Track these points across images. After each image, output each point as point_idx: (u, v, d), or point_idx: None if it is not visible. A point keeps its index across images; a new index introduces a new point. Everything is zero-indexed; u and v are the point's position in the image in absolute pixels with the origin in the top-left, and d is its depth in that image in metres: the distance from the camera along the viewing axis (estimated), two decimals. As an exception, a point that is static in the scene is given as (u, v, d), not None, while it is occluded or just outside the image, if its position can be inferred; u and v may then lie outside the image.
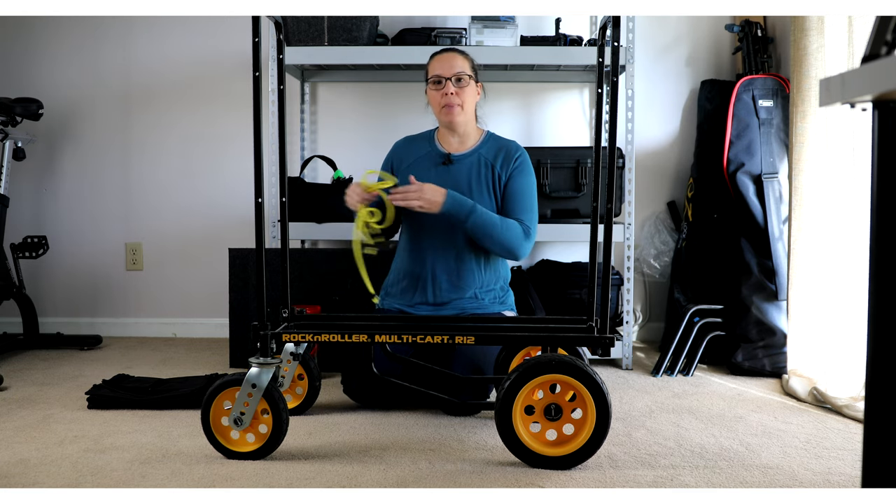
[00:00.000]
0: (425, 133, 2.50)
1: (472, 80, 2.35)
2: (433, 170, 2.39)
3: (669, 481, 1.70)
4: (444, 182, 2.33)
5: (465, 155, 2.40)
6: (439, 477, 1.72)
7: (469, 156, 2.40)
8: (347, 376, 2.27)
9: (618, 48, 1.80)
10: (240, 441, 1.84)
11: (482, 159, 2.38)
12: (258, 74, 1.80)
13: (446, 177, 2.37)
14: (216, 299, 3.38)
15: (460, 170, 2.38)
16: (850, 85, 0.92)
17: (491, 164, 2.37)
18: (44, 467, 1.77)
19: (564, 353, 1.87)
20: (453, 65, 2.32)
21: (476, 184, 2.36)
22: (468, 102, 2.35)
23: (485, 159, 2.38)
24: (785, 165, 2.84)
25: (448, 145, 2.43)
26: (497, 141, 2.43)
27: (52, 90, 3.42)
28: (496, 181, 2.37)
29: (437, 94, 2.34)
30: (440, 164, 2.39)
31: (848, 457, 1.87)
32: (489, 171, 2.37)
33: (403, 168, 2.43)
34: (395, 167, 2.46)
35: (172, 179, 3.46)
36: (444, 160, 2.39)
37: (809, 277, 2.50)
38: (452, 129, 2.39)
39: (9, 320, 3.39)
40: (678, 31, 3.32)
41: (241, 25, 3.35)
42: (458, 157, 2.39)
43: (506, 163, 2.37)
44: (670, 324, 3.05)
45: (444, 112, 2.34)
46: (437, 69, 2.34)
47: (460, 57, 2.35)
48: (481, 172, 2.37)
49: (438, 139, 2.45)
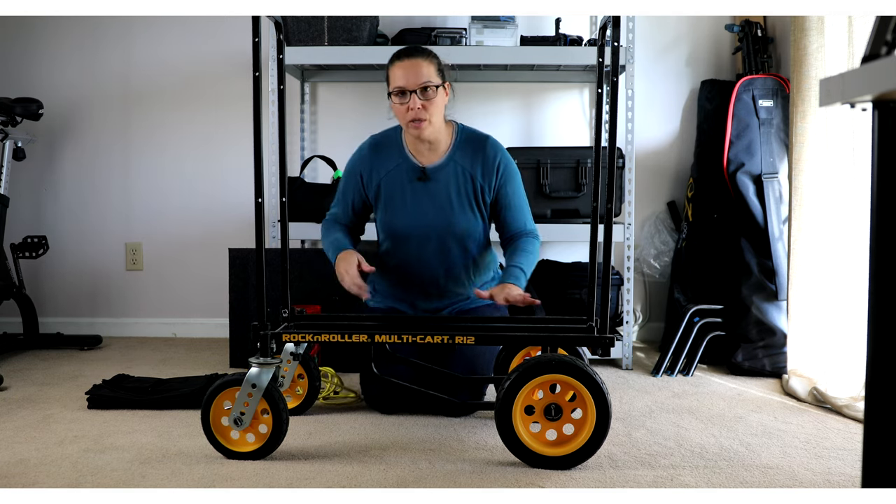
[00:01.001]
0: (391, 136, 2.31)
1: (438, 88, 2.15)
2: (408, 186, 2.25)
3: (669, 481, 1.70)
4: (423, 200, 2.24)
5: (440, 166, 2.25)
6: (439, 477, 1.72)
7: (445, 166, 2.25)
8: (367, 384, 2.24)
9: (618, 48, 1.80)
10: (240, 441, 1.84)
11: (460, 170, 2.24)
12: (258, 74, 1.80)
13: (423, 195, 2.24)
14: (216, 299, 3.38)
15: (438, 187, 2.24)
16: (850, 85, 0.92)
17: (471, 175, 2.24)
18: (44, 467, 1.77)
19: (564, 353, 1.87)
20: (418, 73, 2.11)
21: (457, 199, 2.24)
22: (436, 114, 2.17)
23: (462, 169, 2.24)
24: (785, 165, 2.84)
25: (419, 154, 2.26)
26: (471, 141, 2.27)
27: (52, 90, 3.42)
28: (479, 194, 2.25)
29: (401, 107, 2.14)
30: (415, 181, 2.25)
31: (848, 457, 1.87)
32: (469, 184, 2.24)
33: (374, 184, 2.29)
34: (364, 180, 2.30)
35: (172, 179, 3.46)
36: (419, 175, 2.25)
37: (809, 277, 2.50)
38: (421, 139, 2.22)
39: (9, 320, 3.39)
40: (678, 31, 3.32)
41: (241, 25, 3.35)
42: (434, 171, 2.25)
43: (487, 173, 2.24)
44: (670, 324, 3.05)
45: (411, 126, 2.16)
46: (399, 80, 2.12)
47: (424, 62, 2.14)
48: (461, 186, 2.24)
49: (408, 146, 2.27)
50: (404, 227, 2.27)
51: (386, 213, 2.30)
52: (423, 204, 2.24)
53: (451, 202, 2.25)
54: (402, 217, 2.27)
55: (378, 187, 2.29)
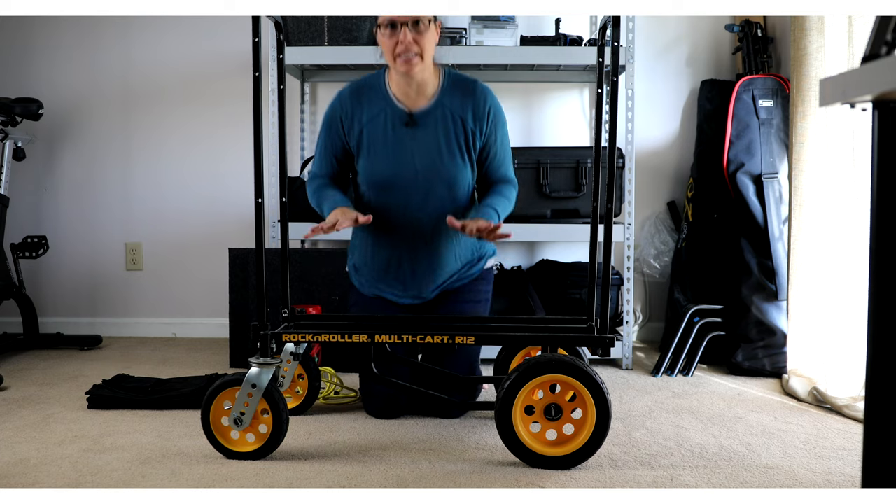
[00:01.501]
0: (373, 81, 2.17)
1: (431, 24, 2.03)
2: (392, 132, 2.11)
3: (669, 481, 1.70)
4: (410, 147, 2.11)
5: (428, 110, 2.11)
6: (439, 477, 1.72)
7: (433, 111, 2.12)
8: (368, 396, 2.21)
9: (618, 48, 1.80)
10: (240, 441, 1.84)
11: (449, 114, 2.11)
12: (258, 74, 1.80)
13: (410, 141, 2.11)
14: (216, 299, 3.38)
15: (426, 132, 2.11)
16: (850, 85, 0.92)
17: (461, 119, 2.11)
18: (44, 467, 1.77)
19: (564, 353, 1.87)
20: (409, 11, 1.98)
21: (446, 145, 2.11)
22: (428, 51, 2.04)
23: (452, 113, 2.11)
24: (785, 165, 2.84)
25: (405, 98, 2.12)
26: (460, 84, 2.14)
27: (51, 90, 3.42)
28: (469, 139, 2.13)
29: (390, 41, 2.01)
30: (402, 126, 2.11)
31: (848, 457, 1.87)
32: (460, 128, 2.11)
33: (356, 131, 2.14)
34: (345, 127, 2.15)
35: (172, 179, 3.46)
36: (406, 121, 2.11)
37: (809, 277, 2.50)
38: (409, 78, 2.08)
39: (9, 320, 3.39)
40: (678, 31, 3.32)
41: (241, 25, 3.35)
42: (422, 115, 2.11)
43: (477, 117, 2.12)
44: (670, 324, 3.05)
45: (400, 63, 2.02)
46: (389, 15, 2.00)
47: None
48: (450, 131, 2.11)
49: (392, 90, 2.13)
50: (389, 175, 2.13)
51: (368, 160, 2.15)
52: (409, 151, 2.11)
53: (440, 148, 2.11)
54: (386, 165, 2.13)
55: (360, 134, 2.14)
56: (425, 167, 2.12)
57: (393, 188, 2.13)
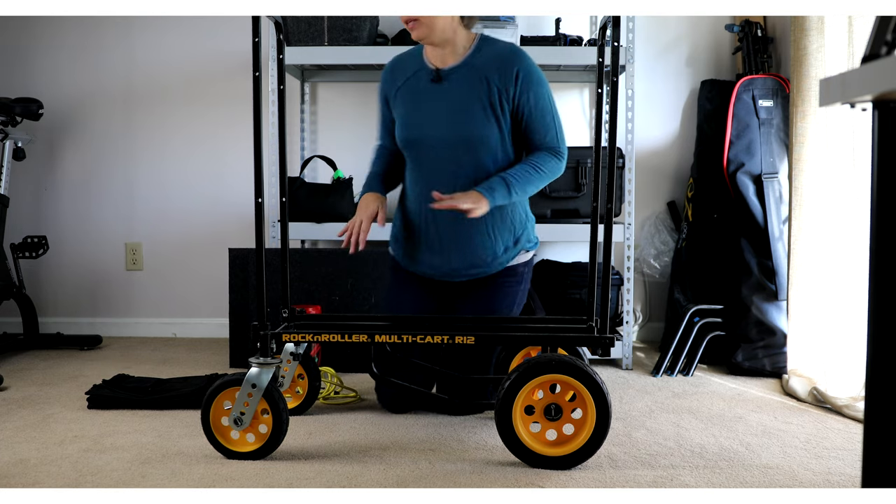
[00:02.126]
0: (414, 49, 2.26)
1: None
2: (422, 90, 2.17)
3: (669, 481, 1.70)
4: (436, 102, 2.14)
5: (454, 68, 2.14)
6: (439, 477, 1.72)
7: (459, 69, 2.14)
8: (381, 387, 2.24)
9: (618, 48, 1.80)
10: (240, 441, 1.84)
11: (475, 72, 2.12)
12: (258, 74, 1.80)
13: (437, 96, 2.14)
14: (216, 299, 3.38)
15: (451, 87, 2.13)
16: (850, 85, 0.92)
17: (486, 78, 2.11)
18: (44, 467, 1.77)
19: (564, 353, 1.87)
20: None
21: (469, 101, 2.11)
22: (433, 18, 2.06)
23: (478, 72, 2.12)
24: (785, 165, 2.84)
25: (435, 59, 2.16)
26: (492, 46, 2.16)
27: (52, 90, 3.42)
28: (495, 97, 2.11)
29: None
30: (430, 83, 2.16)
31: (848, 457, 1.87)
32: (484, 86, 2.11)
33: (394, 94, 2.22)
34: (390, 100, 2.24)
35: (172, 179, 3.46)
36: (433, 77, 2.15)
37: (809, 277, 2.50)
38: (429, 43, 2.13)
39: (9, 320, 3.39)
40: (678, 31, 3.32)
41: (241, 25, 3.35)
42: (448, 72, 2.14)
43: (504, 76, 2.10)
44: (670, 324, 3.05)
45: (409, 28, 2.09)
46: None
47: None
48: (474, 88, 2.11)
49: (426, 53, 2.20)
50: (418, 134, 2.16)
51: (400, 120, 2.20)
52: (436, 107, 2.14)
53: (465, 104, 2.11)
54: (414, 120, 2.17)
55: (396, 97, 2.22)
56: (450, 124, 2.13)
57: (421, 146, 2.16)
